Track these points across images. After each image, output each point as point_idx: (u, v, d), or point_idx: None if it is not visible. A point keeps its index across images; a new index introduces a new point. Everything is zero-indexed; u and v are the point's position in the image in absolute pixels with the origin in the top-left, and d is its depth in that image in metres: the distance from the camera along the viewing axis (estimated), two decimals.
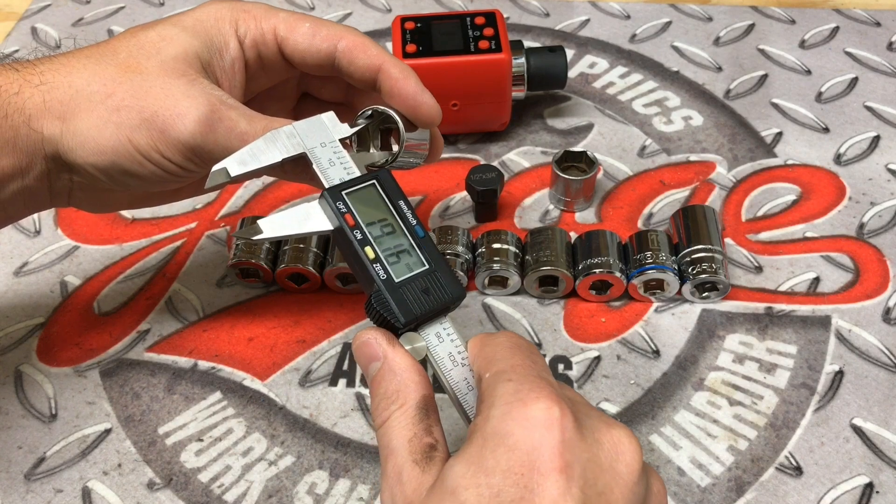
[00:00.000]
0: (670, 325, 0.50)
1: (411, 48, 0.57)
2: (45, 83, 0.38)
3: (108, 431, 0.47)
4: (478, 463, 0.29)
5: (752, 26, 0.71)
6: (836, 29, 0.70)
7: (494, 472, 0.29)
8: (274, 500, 0.44)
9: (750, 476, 0.44)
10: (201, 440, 0.46)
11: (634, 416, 0.46)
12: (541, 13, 0.74)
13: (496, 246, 0.51)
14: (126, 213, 0.58)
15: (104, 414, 0.48)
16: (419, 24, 0.58)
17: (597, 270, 0.49)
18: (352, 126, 0.40)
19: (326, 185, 0.38)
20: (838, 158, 0.60)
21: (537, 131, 0.63)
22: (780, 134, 0.62)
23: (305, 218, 0.37)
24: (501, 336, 0.34)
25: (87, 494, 0.44)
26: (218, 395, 0.48)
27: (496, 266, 0.50)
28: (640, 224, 0.56)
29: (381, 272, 0.36)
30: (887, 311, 0.50)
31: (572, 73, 0.67)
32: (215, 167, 0.37)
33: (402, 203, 0.38)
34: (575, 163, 0.56)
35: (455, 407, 0.36)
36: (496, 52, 0.56)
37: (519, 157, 0.61)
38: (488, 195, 0.54)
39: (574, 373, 0.48)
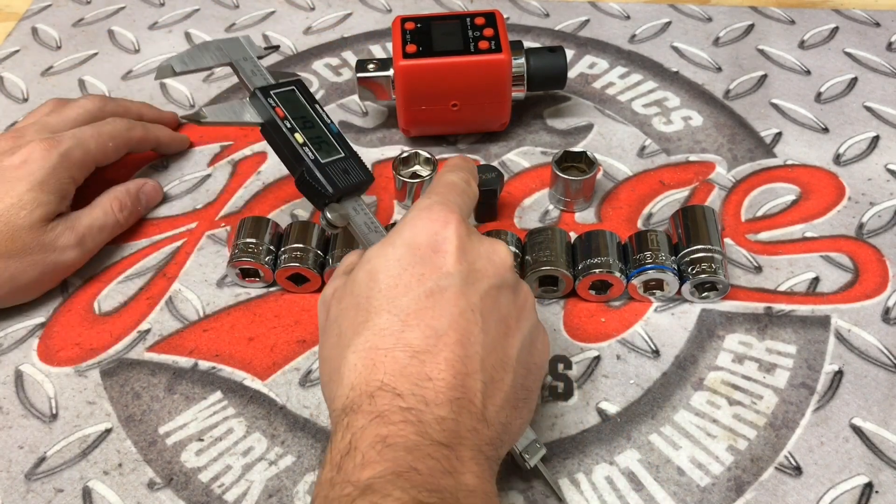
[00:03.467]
0: (670, 324, 0.50)
1: (411, 48, 0.57)
2: None
3: (108, 431, 0.47)
4: (387, 241, 0.39)
5: (751, 27, 0.71)
6: (836, 29, 0.71)
7: (397, 245, 0.38)
8: (274, 500, 0.44)
9: (749, 476, 0.44)
10: (202, 440, 0.46)
11: (634, 415, 0.46)
12: (541, 13, 0.74)
13: None
14: None
15: (105, 414, 0.48)
16: (419, 25, 0.58)
17: (596, 270, 0.49)
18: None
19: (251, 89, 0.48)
20: (838, 159, 0.60)
21: (537, 131, 0.63)
22: (779, 134, 0.62)
23: (241, 112, 0.48)
24: (445, 168, 0.44)
25: (87, 494, 0.44)
26: (218, 394, 0.48)
27: None
28: (639, 224, 0.56)
29: (310, 153, 0.46)
30: (886, 310, 0.50)
31: (572, 74, 0.67)
32: (162, 63, 0.51)
33: (317, 106, 0.49)
34: (575, 163, 0.56)
35: None
36: (496, 53, 0.56)
37: (519, 157, 0.61)
38: (488, 195, 0.54)
39: (574, 372, 0.48)
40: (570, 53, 0.69)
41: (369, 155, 0.62)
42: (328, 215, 0.45)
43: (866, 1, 0.74)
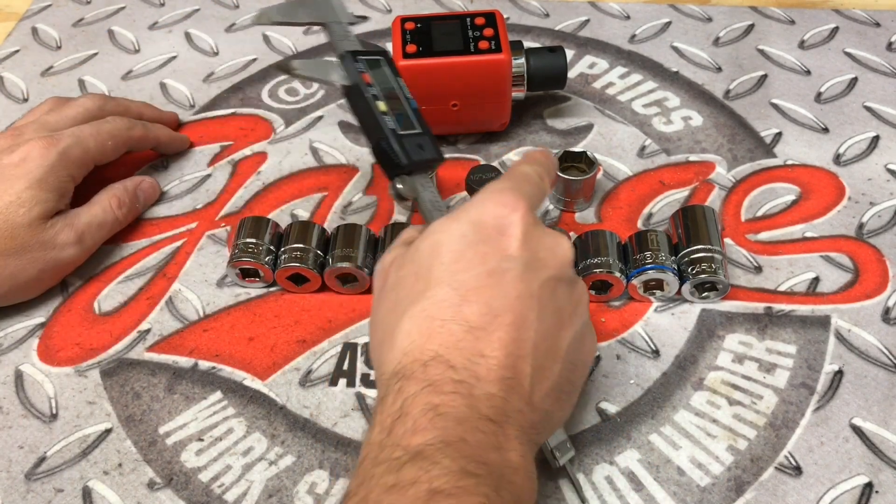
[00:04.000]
0: (670, 324, 0.50)
1: (411, 48, 0.57)
2: None
3: (108, 431, 0.47)
4: (453, 217, 0.39)
5: (751, 27, 0.71)
6: (836, 29, 0.71)
7: (463, 221, 0.38)
8: (274, 500, 0.44)
9: (749, 476, 0.44)
10: (202, 440, 0.46)
11: (634, 415, 0.46)
12: (541, 13, 0.74)
13: None
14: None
15: (105, 414, 0.48)
16: (419, 25, 0.58)
17: (597, 270, 0.49)
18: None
19: (339, 51, 0.49)
20: (838, 158, 0.60)
21: (537, 131, 0.63)
22: (779, 134, 0.62)
23: (329, 71, 0.48)
24: (524, 160, 0.44)
25: (87, 494, 0.44)
26: (218, 394, 0.48)
27: None
28: (639, 224, 0.56)
29: (391, 122, 0.46)
30: (886, 310, 0.50)
31: (572, 74, 0.67)
32: (262, 9, 0.52)
33: (400, 80, 0.49)
34: (575, 163, 0.56)
35: None
36: (496, 53, 0.56)
37: (519, 157, 0.61)
38: None
39: None
40: (570, 53, 0.69)
41: (371, 156, 0.62)
42: (398, 185, 0.45)
43: (866, 1, 0.74)
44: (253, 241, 0.52)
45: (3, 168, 0.50)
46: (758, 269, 0.53)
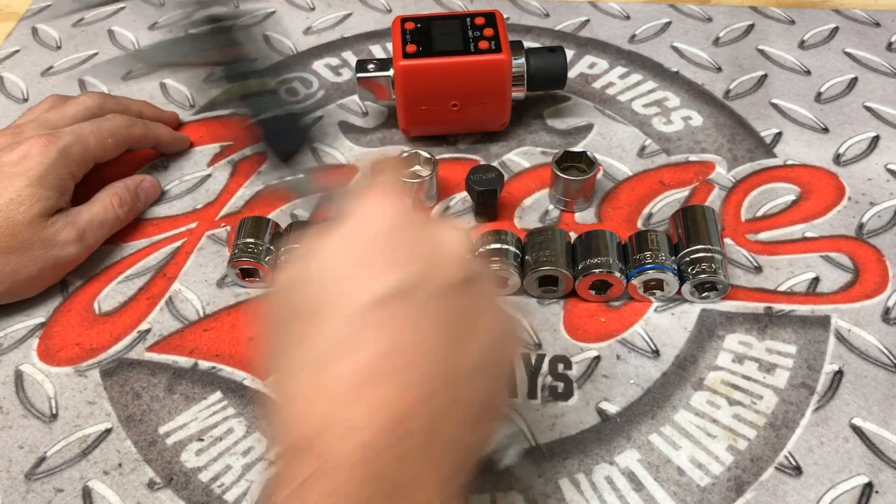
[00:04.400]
0: (670, 324, 0.50)
1: (411, 48, 0.57)
2: None
3: (108, 431, 0.47)
4: (328, 237, 0.34)
5: (751, 27, 0.71)
6: (836, 29, 0.71)
7: (338, 243, 0.34)
8: None
9: (749, 476, 0.44)
10: (202, 440, 0.46)
11: (634, 415, 0.46)
12: (541, 14, 0.74)
13: (496, 246, 0.51)
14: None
15: (105, 414, 0.48)
16: (419, 25, 0.58)
17: (596, 270, 0.49)
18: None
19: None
20: (838, 158, 0.60)
21: (537, 131, 0.63)
22: (779, 134, 0.62)
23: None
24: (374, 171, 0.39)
25: (87, 494, 0.44)
26: (218, 394, 0.48)
27: (496, 266, 0.50)
28: (639, 224, 0.56)
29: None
30: (887, 310, 0.50)
31: (572, 74, 0.67)
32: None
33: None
34: (575, 163, 0.56)
35: None
36: (496, 53, 0.56)
37: (519, 157, 0.61)
38: (488, 195, 0.54)
39: (574, 372, 0.48)
40: (570, 53, 0.69)
41: (370, 156, 0.62)
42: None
43: (866, 1, 0.74)
44: (253, 241, 0.52)
45: (3, 166, 0.50)
46: (758, 269, 0.53)
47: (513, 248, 0.51)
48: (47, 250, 0.51)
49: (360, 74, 0.59)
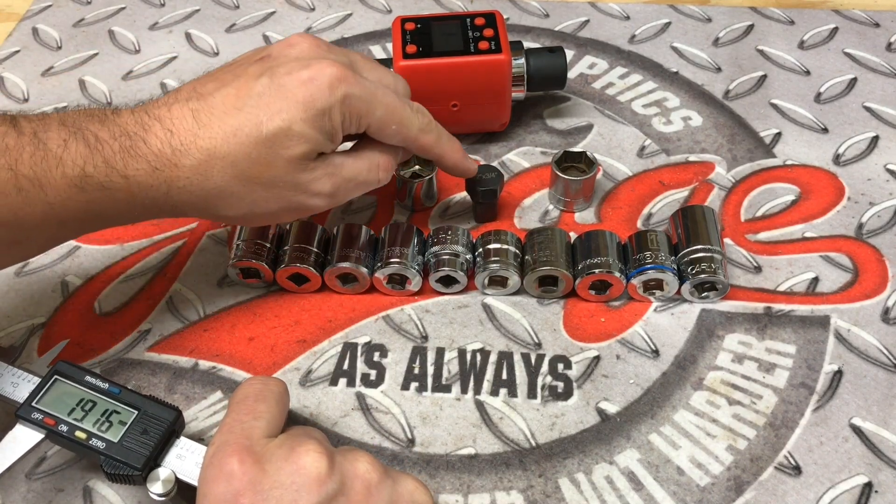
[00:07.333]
0: (670, 324, 0.50)
1: (411, 49, 0.57)
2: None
3: None
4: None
5: (751, 27, 0.71)
6: (835, 29, 0.71)
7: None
8: None
9: (749, 475, 0.44)
10: (202, 440, 0.46)
11: (634, 415, 0.46)
12: (540, 14, 0.74)
13: (496, 246, 0.51)
14: None
15: None
16: (419, 25, 0.59)
17: (596, 270, 0.50)
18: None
19: (19, 405, 0.41)
20: (837, 159, 0.60)
21: (537, 132, 0.63)
22: (779, 134, 0.62)
23: (16, 442, 0.41)
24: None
25: (87, 494, 0.44)
26: (218, 394, 0.48)
27: (496, 266, 0.50)
28: (639, 224, 0.56)
29: (100, 443, 0.40)
30: (886, 310, 0.50)
31: (572, 74, 0.67)
32: None
33: (88, 378, 0.42)
34: (574, 163, 0.56)
35: None
36: (496, 53, 0.57)
37: (519, 157, 0.61)
38: (488, 195, 0.54)
39: (574, 372, 0.48)
40: (570, 54, 0.69)
41: None
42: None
43: (866, 1, 0.74)
44: (253, 240, 0.52)
45: (286, 82, 0.43)
46: (757, 269, 0.53)
47: (513, 248, 0.51)
48: (296, 194, 0.45)
49: None
